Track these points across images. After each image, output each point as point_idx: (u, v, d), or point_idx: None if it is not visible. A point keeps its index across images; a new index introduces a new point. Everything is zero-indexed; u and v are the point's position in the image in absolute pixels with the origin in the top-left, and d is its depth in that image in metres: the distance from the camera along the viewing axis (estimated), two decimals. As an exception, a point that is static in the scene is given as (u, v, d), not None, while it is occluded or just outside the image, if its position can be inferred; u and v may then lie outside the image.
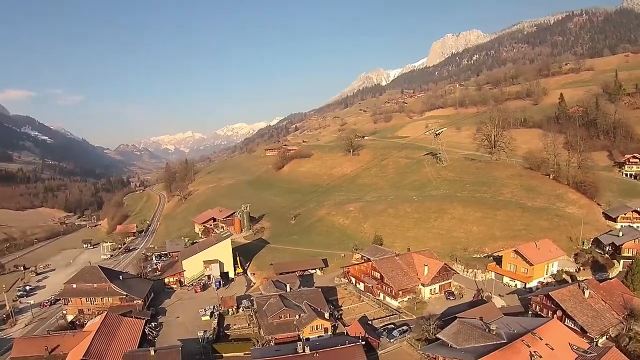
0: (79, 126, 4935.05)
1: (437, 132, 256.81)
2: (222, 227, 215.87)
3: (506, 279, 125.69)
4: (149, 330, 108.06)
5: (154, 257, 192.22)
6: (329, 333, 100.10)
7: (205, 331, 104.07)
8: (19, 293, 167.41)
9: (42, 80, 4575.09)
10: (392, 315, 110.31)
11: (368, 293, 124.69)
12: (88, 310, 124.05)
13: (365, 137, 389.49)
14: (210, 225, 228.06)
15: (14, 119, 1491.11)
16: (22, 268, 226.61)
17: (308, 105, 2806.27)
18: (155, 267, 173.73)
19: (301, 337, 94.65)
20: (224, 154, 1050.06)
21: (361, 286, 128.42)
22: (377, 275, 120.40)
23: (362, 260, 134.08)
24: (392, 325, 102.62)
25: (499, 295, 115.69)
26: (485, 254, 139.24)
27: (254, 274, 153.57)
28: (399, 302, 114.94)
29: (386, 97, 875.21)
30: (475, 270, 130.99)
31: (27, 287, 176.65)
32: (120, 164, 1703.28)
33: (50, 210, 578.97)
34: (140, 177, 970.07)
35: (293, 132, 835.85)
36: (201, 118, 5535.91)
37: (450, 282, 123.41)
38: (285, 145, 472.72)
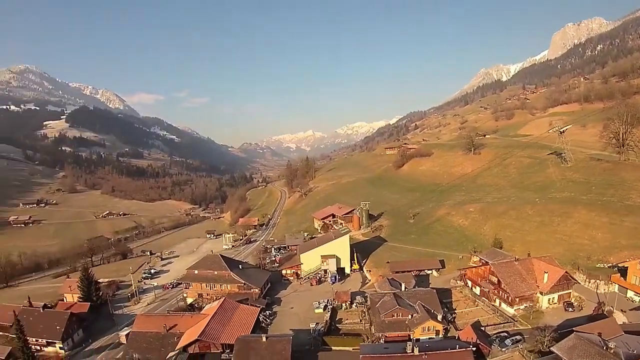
0: (204, 126, 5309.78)
1: (561, 130, 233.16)
2: (341, 223, 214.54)
3: (630, 293, 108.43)
4: (263, 318, 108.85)
5: (273, 249, 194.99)
6: (440, 336, 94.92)
7: (317, 323, 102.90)
8: (144, 275, 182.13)
9: (169, 85, 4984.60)
10: (507, 322, 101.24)
11: (483, 298, 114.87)
12: (207, 295, 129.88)
13: (487, 136, 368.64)
14: (330, 221, 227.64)
15: (144, 120, 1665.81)
16: (148, 253, 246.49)
17: (427, 104, 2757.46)
18: (274, 258, 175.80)
19: (411, 337, 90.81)
20: (344, 152, 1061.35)
21: (477, 290, 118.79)
22: (494, 279, 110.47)
23: (480, 264, 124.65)
24: (505, 334, 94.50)
25: (621, 310, 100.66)
26: (610, 264, 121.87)
27: (369, 271, 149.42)
28: (514, 310, 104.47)
29: (507, 94, 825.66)
30: (597, 281, 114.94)
31: (152, 271, 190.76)
32: (244, 161, 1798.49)
33: (177, 203, 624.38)
34: (262, 174, 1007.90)
35: (413, 130, 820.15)
36: (322, 117, 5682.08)
37: (570, 293, 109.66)
38: (405, 143, 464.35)
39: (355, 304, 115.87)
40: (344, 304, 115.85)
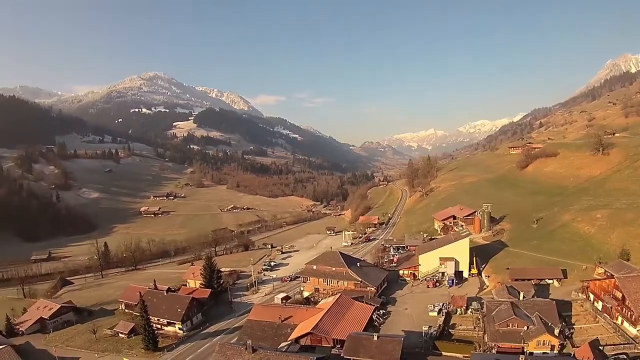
0: (326, 125, 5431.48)
1: None
2: (462, 225, 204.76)
3: None
4: (376, 317, 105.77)
5: (392, 248, 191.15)
6: (555, 351, 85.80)
7: (430, 327, 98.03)
8: (264, 267, 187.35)
9: (290, 87, 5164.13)
10: (627, 344, 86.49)
11: (605, 314, 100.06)
12: (323, 290, 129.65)
13: (616, 134, 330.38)
14: (450, 222, 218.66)
15: (268, 120, 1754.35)
16: (269, 246, 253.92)
17: (552, 99, 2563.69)
18: (392, 258, 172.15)
19: (525, 350, 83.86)
20: (466, 152, 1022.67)
21: (599, 305, 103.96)
22: (619, 295, 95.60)
23: (605, 276, 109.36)
24: (624, 356, 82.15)
25: None
26: None
27: (488, 276, 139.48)
28: (637, 331, 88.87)
29: (637, 87, 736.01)
30: None
31: (272, 263, 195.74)
32: (365, 159, 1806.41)
33: (299, 199, 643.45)
34: (383, 173, 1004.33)
35: (537, 128, 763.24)
36: (443, 115, 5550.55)
37: None
38: (529, 142, 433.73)
39: (470, 310, 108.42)
40: (459, 309, 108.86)
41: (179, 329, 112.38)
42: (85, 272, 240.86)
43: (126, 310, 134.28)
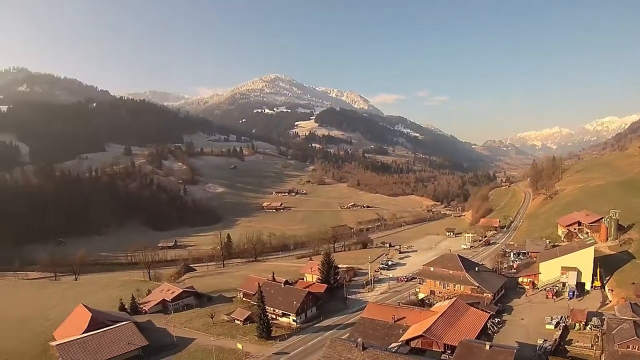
0: (447, 123, 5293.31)
1: None
2: (587, 232, 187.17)
3: None
4: (490, 325, 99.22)
5: (512, 254, 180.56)
6: None
7: (545, 340, 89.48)
8: (381, 266, 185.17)
9: (409, 85, 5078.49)
10: None
11: None
12: (439, 293, 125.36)
13: None
14: (574, 229, 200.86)
15: (388, 118, 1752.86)
16: (387, 245, 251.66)
17: None
18: (511, 264, 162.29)
19: None
20: (593, 151, 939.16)
21: None
22: None
23: None
24: None
25: None
26: None
27: (611, 290, 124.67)
28: None
29: None
30: None
31: (389, 262, 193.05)
32: (487, 159, 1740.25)
33: (419, 198, 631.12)
34: (506, 173, 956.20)
35: None
36: (568, 112, 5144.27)
37: None
38: None
39: (589, 326, 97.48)
40: (577, 324, 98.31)
41: (293, 320, 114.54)
42: (208, 261, 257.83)
43: (244, 299, 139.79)
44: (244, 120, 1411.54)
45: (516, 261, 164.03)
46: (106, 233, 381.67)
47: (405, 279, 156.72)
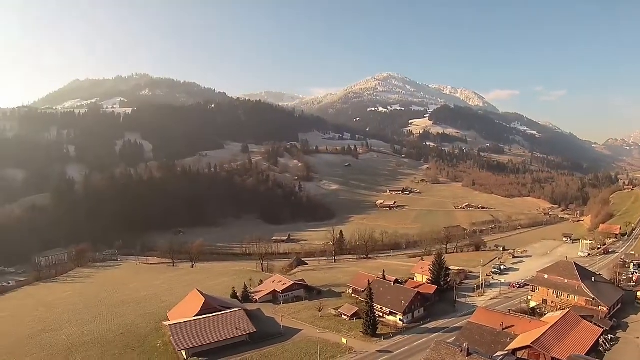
0: (564, 120, 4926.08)
1: None
2: None
3: None
4: (602, 342, 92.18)
5: (632, 265, 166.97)
6: None
7: None
8: (493, 270, 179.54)
9: (524, 80, 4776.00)
10: None
11: None
12: (552, 302, 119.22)
13: None
14: None
15: (504, 116, 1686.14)
16: (501, 249, 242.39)
17: None
18: (630, 276, 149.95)
19: None
20: None
21: None
22: None
23: None
24: None
25: None
26: None
27: None
28: None
29: None
30: None
31: (502, 267, 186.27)
32: (608, 159, 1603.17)
33: (535, 200, 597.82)
34: (628, 175, 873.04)
35: None
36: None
37: None
38: None
39: None
40: None
41: (400, 319, 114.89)
42: (320, 256, 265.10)
43: (352, 295, 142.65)
44: (357, 118, 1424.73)
45: (636, 273, 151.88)
46: (223, 225, 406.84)
47: (518, 285, 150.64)
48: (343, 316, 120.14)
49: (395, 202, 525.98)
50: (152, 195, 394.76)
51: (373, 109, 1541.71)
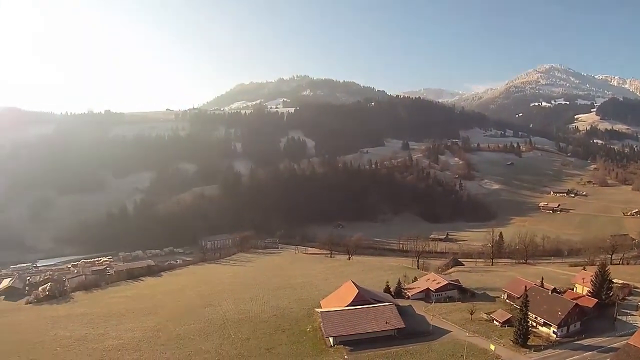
0: None
1: None
2: None
3: None
4: None
5: None
6: None
7: None
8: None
9: None
10: None
11: None
12: None
13: None
14: None
15: None
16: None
17: None
18: None
19: None
20: None
21: None
22: None
23: None
24: None
25: None
26: None
27: None
28: None
29: None
30: None
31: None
32: None
33: None
34: None
35: None
36: None
37: None
38: None
39: None
40: None
41: (553, 332, 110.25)
42: (477, 257, 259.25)
43: (507, 301, 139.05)
44: (520, 114, 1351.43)
45: None
46: (381, 220, 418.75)
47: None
48: (495, 322, 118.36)
49: (559, 205, 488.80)
50: (313, 190, 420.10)
51: (536, 103, 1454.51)
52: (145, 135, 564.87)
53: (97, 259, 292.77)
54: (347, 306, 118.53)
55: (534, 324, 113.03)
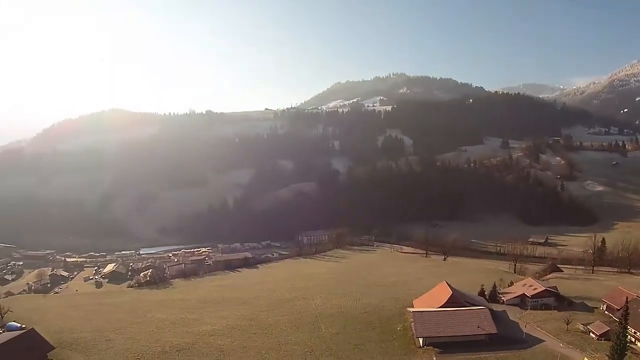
0: None
1: None
2: None
3: None
4: None
5: None
6: None
7: None
8: None
9: None
10: None
11: None
12: None
13: None
14: None
15: None
16: None
17: None
18: None
19: None
20: None
21: None
22: None
23: None
24: None
25: None
26: None
27: None
28: None
29: None
30: None
31: None
32: None
33: None
34: None
35: None
36: None
37: None
38: None
39: None
40: None
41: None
42: (577, 264, 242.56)
43: (606, 312, 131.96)
44: (625, 110, 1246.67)
45: None
46: (479, 221, 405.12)
47: None
48: (591, 334, 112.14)
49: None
50: (411, 188, 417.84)
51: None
52: (245, 133, 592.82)
53: (196, 249, 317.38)
54: (440, 307, 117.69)
55: (633, 339, 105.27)
